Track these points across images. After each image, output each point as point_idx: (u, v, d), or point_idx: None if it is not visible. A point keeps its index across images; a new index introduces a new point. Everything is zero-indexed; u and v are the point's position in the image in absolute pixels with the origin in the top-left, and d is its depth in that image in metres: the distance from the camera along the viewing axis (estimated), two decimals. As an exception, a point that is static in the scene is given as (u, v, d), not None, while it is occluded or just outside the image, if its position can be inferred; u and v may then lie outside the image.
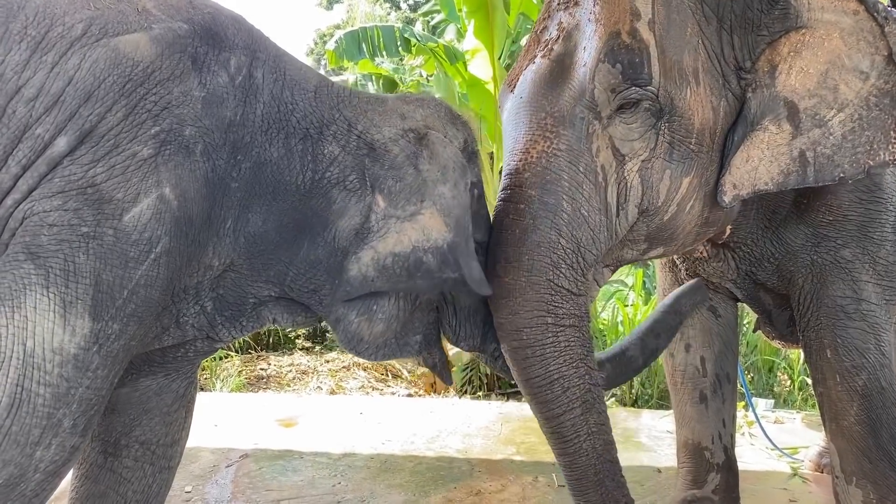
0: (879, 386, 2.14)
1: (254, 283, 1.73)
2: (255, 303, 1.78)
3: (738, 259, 2.26)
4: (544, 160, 1.83)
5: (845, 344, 2.15)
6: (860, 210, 2.12)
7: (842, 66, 1.84)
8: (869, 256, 2.14)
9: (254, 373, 6.04)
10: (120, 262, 1.45)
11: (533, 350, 1.81)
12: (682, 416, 2.59)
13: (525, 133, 1.87)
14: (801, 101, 1.87)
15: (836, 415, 2.21)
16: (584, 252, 1.84)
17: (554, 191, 1.82)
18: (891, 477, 2.16)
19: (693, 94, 1.85)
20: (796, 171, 1.88)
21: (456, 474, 3.48)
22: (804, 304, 2.22)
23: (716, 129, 1.90)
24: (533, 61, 1.95)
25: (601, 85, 1.83)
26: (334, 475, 3.45)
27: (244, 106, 1.61)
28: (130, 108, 1.48)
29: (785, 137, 1.87)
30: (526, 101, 1.90)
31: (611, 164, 1.84)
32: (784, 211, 2.16)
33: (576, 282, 1.84)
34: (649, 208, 1.88)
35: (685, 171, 1.87)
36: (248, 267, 1.70)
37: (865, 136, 1.84)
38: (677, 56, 1.85)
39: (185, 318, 1.71)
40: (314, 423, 4.25)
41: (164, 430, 1.98)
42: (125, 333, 1.49)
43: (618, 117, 1.84)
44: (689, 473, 2.58)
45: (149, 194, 1.47)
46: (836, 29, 1.85)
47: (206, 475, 3.41)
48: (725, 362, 2.55)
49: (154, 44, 1.53)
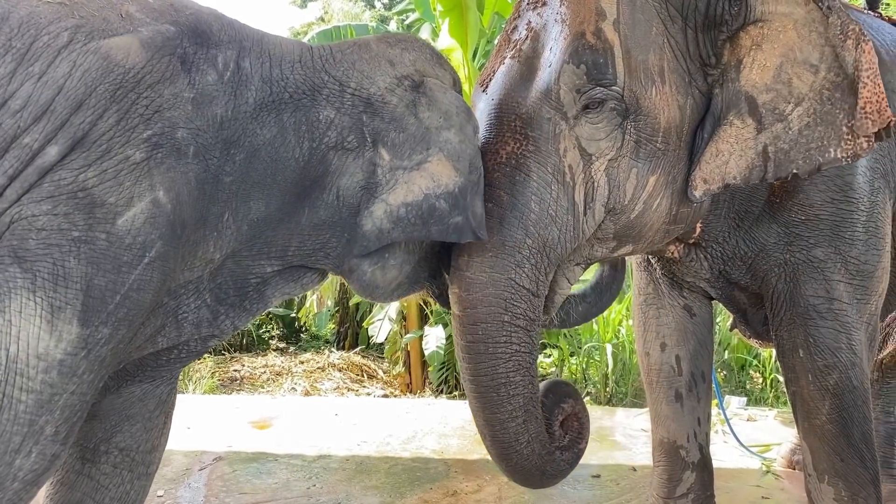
0: (851, 385, 2.16)
1: (255, 262, 1.72)
2: (259, 282, 1.77)
3: (710, 259, 2.28)
4: (513, 161, 1.85)
5: (817, 343, 2.17)
6: (832, 209, 2.13)
7: (794, 59, 1.85)
8: (841, 256, 2.15)
9: (227, 374, 6.00)
10: (112, 267, 1.42)
11: (486, 346, 1.83)
12: (658, 415, 2.60)
13: (495, 134, 1.89)
14: (760, 96, 1.88)
15: (809, 413, 2.22)
16: (549, 252, 1.86)
17: (522, 191, 1.84)
18: (862, 474, 2.18)
19: (659, 93, 1.87)
20: (759, 166, 1.89)
21: (432, 475, 3.47)
22: (777, 303, 2.23)
23: (682, 127, 1.91)
24: (503, 62, 1.97)
25: (566, 86, 1.84)
26: (309, 477, 3.42)
27: (234, 99, 1.60)
28: (122, 113, 1.46)
29: (750, 132, 1.89)
30: (496, 102, 1.92)
31: (578, 164, 1.86)
32: (757, 210, 2.17)
33: (537, 282, 1.86)
34: (616, 207, 1.90)
35: (651, 169, 1.89)
36: (248, 249, 1.69)
37: (818, 132, 1.85)
38: (642, 56, 1.86)
39: (184, 315, 1.69)
40: (288, 425, 4.22)
41: (145, 436, 1.94)
42: (114, 338, 1.47)
43: (584, 117, 1.85)
44: (665, 472, 2.59)
45: (142, 198, 1.45)
46: (791, 20, 1.86)
47: (179, 478, 3.36)
48: (700, 361, 2.56)
49: (144, 48, 1.51)
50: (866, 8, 2.64)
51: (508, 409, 1.85)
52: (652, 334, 2.57)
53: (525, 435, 1.88)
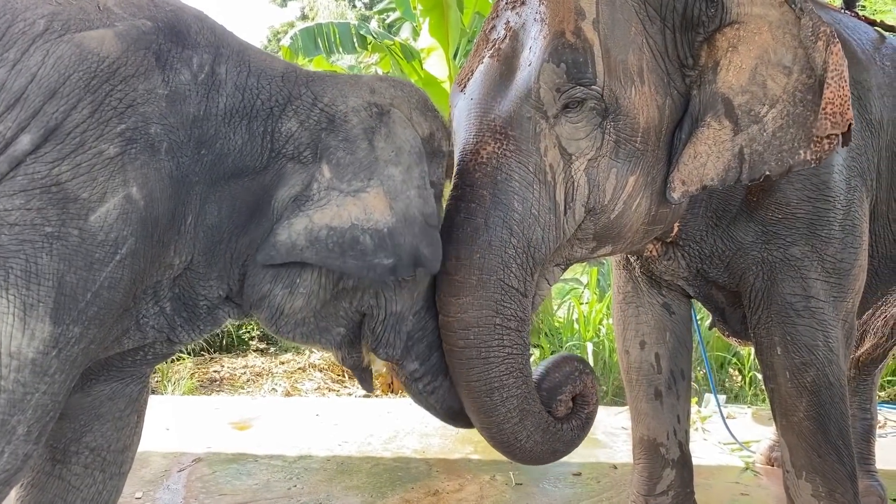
0: (828, 382, 2.18)
1: (206, 282, 1.68)
2: (209, 306, 1.73)
3: (687, 257, 2.29)
4: (494, 161, 1.83)
5: (794, 341, 2.18)
6: (808, 208, 2.14)
7: (768, 60, 1.86)
8: (817, 254, 2.16)
9: (207, 375, 5.93)
10: (84, 264, 1.40)
11: (478, 351, 1.80)
12: (637, 413, 2.61)
13: (475, 134, 1.88)
14: (736, 98, 1.89)
15: (786, 411, 2.24)
16: (534, 251, 1.85)
17: (505, 190, 1.82)
18: (839, 470, 2.20)
19: (638, 93, 1.87)
20: (735, 168, 1.90)
21: (413, 474, 3.47)
22: (755, 301, 2.25)
23: (661, 127, 1.91)
24: (482, 61, 1.96)
25: (546, 84, 1.84)
26: (290, 478, 3.40)
27: (206, 101, 1.58)
28: (96, 105, 1.43)
29: (727, 133, 1.89)
30: (476, 101, 1.91)
31: (558, 164, 1.85)
32: (734, 209, 2.19)
33: (524, 281, 1.85)
34: (596, 207, 1.89)
35: (631, 169, 1.89)
36: (203, 264, 1.65)
37: (790, 134, 1.86)
38: (622, 55, 1.86)
39: (145, 320, 1.66)
40: (269, 426, 4.20)
41: (116, 435, 1.91)
42: (86, 337, 1.44)
43: (564, 117, 1.85)
44: (645, 469, 2.60)
45: (115, 194, 1.42)
46: (765, 22, 1.87)
47: (158, 480, 3.34)
48: (679, 359, 2.57)
49: (119, 40, 1.49)
50: (843, 8, 2.66)
51: (503, 412, 1.83)
52: (631, 332, 2.57)
53: (524, 432, 1.87)
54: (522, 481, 3.36)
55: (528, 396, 1.87)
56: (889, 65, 2.43)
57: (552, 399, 1.97)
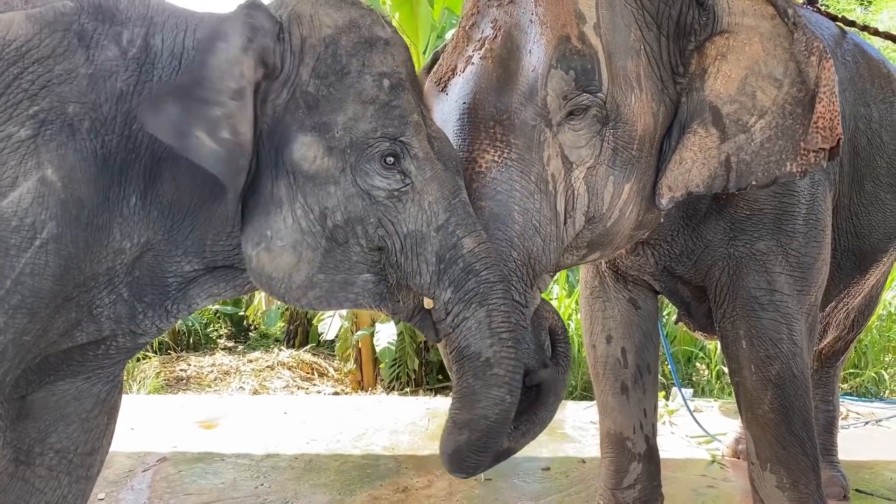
0: (791, 374, 2.20)
1: (172, 258, 1.61)
2: (179, 282, 1.65)
3: (656, 255, 2.29)
4: (494, 170, 1.76)
5: (759, 334, 2.20)
6: (775, 203, 2.16)
7: (759, 72, 1.87)
8: (782, 248, 2.18)
9: (173, 374, 5.86)
10: (0, 251, 1.35)
11: None
12: (604, 407, 2.61)
13: (470, 141, 1.80)
14: (724, 107, 1.89)
15: (751, 403, 2.26)
16: (534, 263, 1.79)
17: (505, 202, 1.75)
18: (803, 461, 2.23)
19: (637, 100, 1.84)
20: (721, 176, 1.90)
21: (382, 472, 3.45)
22: (720, 295, 2.26)
23: (655, 134, 1.90)
24: (470, 62, 1.87)
25: (553, 91, 1.78)
26: (257, 477, 3.36)
27: (138, 75, 1.52)
28: (3, 89, 1.39)
29: (714, 141, 1.89)
30: (469, 106, 1.81)
31: (560, 172, 1.80)
32: (703, 208, 2.20)
33: (525, 294, 1.78)
34: (595, 215, 1.86)
35: (626, 176, 1.86)
36: (166, 242, 1.59)
37: (778, 145, 1.87)
38: (622, 62, 1.84)
39: (99, 310, 1.59)
40: (236, 425, 4.15)
41: (83, 437, 1.83)
42: (11, 327, 1.39)
43: (567, 124, 1.80)
44: (612, 463, 2.61)
45: (28, 177, 1.37)
46: (756, 33, 1.88)
47: (122, 481, 3.28)
48: (646, 353, 2.58)
49: (30, 22, 1.45)
50: (805, 3, 2.69)
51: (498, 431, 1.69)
52: (598, 327, 2.58)
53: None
54: (492, 476, 3.35)
55: None
56: (850, 60, 2.47)
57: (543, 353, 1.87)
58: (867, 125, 2.45)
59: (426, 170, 1.61)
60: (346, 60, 1.58)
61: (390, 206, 1.59)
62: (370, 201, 1.58)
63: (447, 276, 1.60)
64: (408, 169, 1.59)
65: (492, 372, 1.60)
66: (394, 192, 1.58)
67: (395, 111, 1.59)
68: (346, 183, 1.56)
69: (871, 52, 2.64)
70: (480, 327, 1.60)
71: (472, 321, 1.60)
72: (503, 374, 1.60)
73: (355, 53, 1.59)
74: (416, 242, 1.60)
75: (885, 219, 2.58)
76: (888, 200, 2.56)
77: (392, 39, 1.64)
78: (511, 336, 1.62)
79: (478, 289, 1.60)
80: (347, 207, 1.57)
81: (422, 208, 1.60)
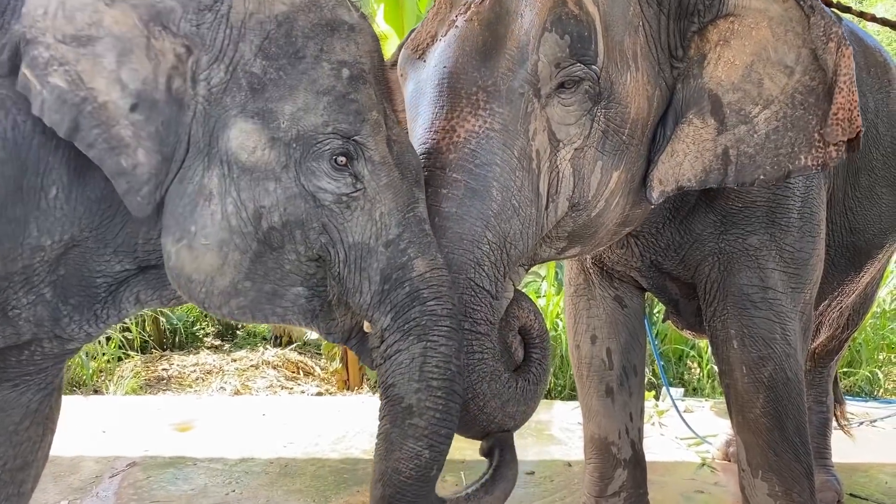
0: (785, 377, 2.10)
1: (101, 257, 1.46)
2: (109, 283, 1.50)
3: (641, 247, 2.17)
4: (474, 141, 1.61)
5: (751, 334, 2.10)
6: (768, 195, 2.06)
7: (767, 58, 1.75)
8: (776, 243, 2.08)
9: (154, 374, 5.71)
10: None
11: None
12: (589, 411, 2.50)
13: (449, 109, 1.64)
14: (725, 95, 1.77)
15: (742, 407, 2.16)
16: (510, 248, 1.64)
17: (484, 176, 1.60)
18: (795, 468, 2.13)
19: (633, 80, 1.71)
20: (718, 170, 1.78)
21: (360, 476, 3.31)
22: (710, 293, 2.15)
23: (647, 120, 1.77)
24: (454, 25, 1.71)
25: (546, 57, 1.63)
26: (228, 482, 3.24)
27: None
28: None
29: (710, 132, 1.77)
30: (450, 71, 1.66)
31: (545, 150, 1.66)
32: (692, 199, 2.08)
33: (496, 282, 1.63)
34: (580, 202, 1.72)
35: (615, 163, 1.73)
36: (94, 239, 1.44)
37: (788, 137, 1.75)
38: (619, 36, 1.70)
39: (15, 311, 1.44)
40: (212, 427, 4.02)
41: (12, 451, 1.69)
42: None
43: (556, 97, 1.65)
44: (596, 470, 2.50)
45: None
46: (765, 17, 1.75)
47: (87, 487, 3.15)
48: (632, 354, 2.46)
49: None
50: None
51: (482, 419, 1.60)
52: (582, 326, 2.46)
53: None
54: (473, 481, 3.23)
55: (507, 399, 1.63)
56: (846, 48, 2.36)
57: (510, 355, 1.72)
58: (863, 116, 2.31)
59: (381, 176, 1.45)
60: (301, 43, 1.42)
61: (337, 211, 1.43)
62: (314, 204, 1.42)
63: (389, 300, 1.45)
64: (360, 172, 1.44)
65: (410, 421, 1.42)
66: (342, 197, 1.43)
67: (352, 105, 1.43)
68: (288, 181, 1.41)
69: (867, 40, 2.54)
70: (411, 366, 1.43)
71: (405, 356, 1.44)
72: (423, 425, 1.42)
73: (313, 36, 1.43)
74: (362, 256, 1.45)
75: (880, 213, 2.48)
76: (884, 194, 2.47)
77: (358, 25, 1.49)
78: (443, 385, 1.43)
79: (420, 320, 1.44)
80: (287, 208, 1.41)
81: (372, 219, 1.45)
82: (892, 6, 9.51)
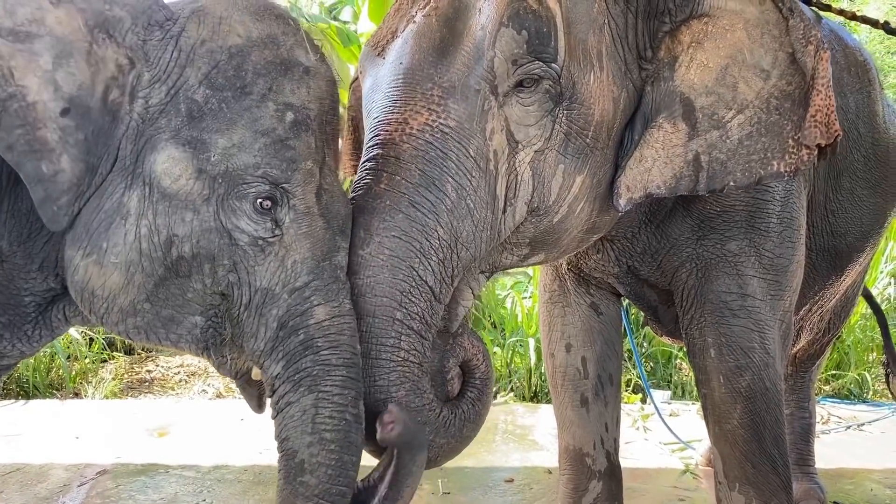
0: (763, 387, 2.04)
1: (27, 274, 1.41)
2: (38, 303, 1.45)
3: (617, 251, 2.10)
4: (428, 134, 1.54)
5: (729, 343, 2.03)
6: (747, 199, 1.99)
7: (742, 61, 1.69)
8: (755, 249, 2.02)
9: (137, 376, 5.62)
10: None
11: (367, 347, 1.48)
12: (563, 421, 2.43)
13: (403, 103, 1.58)
14: (698, 99, 1.70)
15: (720, 417, 2.09)
16: (460, 249, 1.57)
17: (439, 172, 1.53)
18: (773, 481, 2.07)
19: (596, 80, 1.65)
20: (689, 176, 1.72)
21: (336, 484, 3.24)
22: (688, 300, 2.08)
23: (613, 123, 1.70)
24: (412, 21, 1.65)
25: (502, 53, 1.56)
26: (200, 491, 3.16)
27: None
28: None
29: (681, 137, 1.71)
30: (406, 67, 1.61)
31: (503, 151, 1.59)
32: (669, 203, 2.01)
33: (442, 282, 1.56)
34: (539, 207, 1.65)
35: (579, 167, 1.66)
36: (22, 255, 1.38)
37: (762, 143, 1.70)
38: (582, 34, 1.63)
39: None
40: (188, 432, 3.94)
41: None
42: None
43: (515, 96, 1.59)
44: (570, 482, 2.42)
45: None
46: (741, 19, 1.69)
47: (53, 496, 3.07)
48: (608, 363, 2.39)
49: None
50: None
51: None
52: (557, 334, 2.39)
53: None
54: (451, 490, 3.17)
55: (424, 408, 1.53)
56: (825, 47, 2.30)
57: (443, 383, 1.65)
58: (843, 116, 2.28)
59: (302, 225, 1.41)
60: (250, 78, 1.38)
61: (250, 253, 1.39)
62: (229, 242, 1.38)
63: (282, 347, 1.40)
64: (282, 219, 1.40)
65: (302, 479, 1.36)
66: (258, 240, 1.39)
67: (288, 153, 1.38)
68: (206, 214, 1.37)
69: (846, 40, 2.48)
70: (304, 418, 1.37)
71: (296, 409, 1.38)
72: (314, 483, 1.36)
73: (264, 74, 1.39)
74: (264, 302, 1.40)
75: (861, 216, 2.42)
76: (865, 197, 2.41)
77: (314, 69, 1.45)
78: (337, 437, 1.36)
79: (312, 370, 1.38)
80: (200, 241, 1.37)
81: (283, 265, 1.41)
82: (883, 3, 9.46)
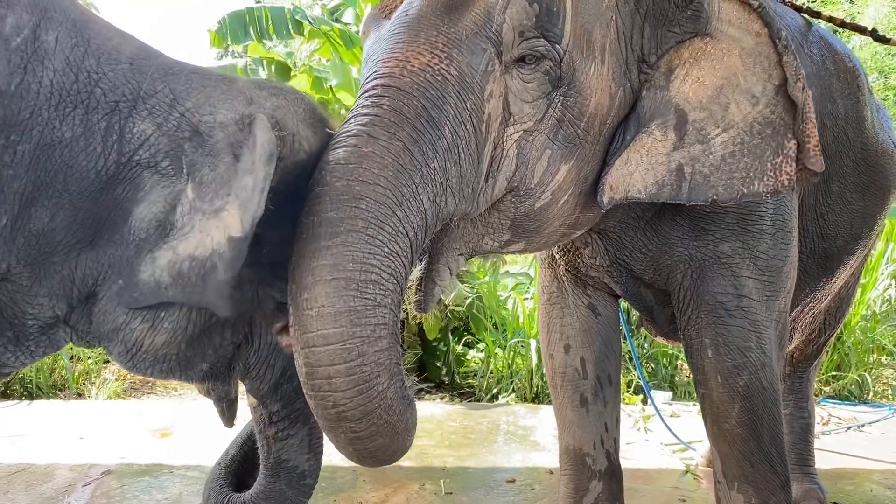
0: (760, 386, 2.05)
1: (34, 298, 1.40)
2: (41, 326, 1.45)
3: (606, 243, 2.12)
4: (429, 75, 1.50)
5: (726, 343, 2.05)
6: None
7: (736, 85, 1.75)
8: (749, 251, 2.04)
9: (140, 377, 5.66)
10: None
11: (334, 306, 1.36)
12: (563, 421, 2.45)
13: (406, 44, 1.54)
14: (692, 112, 1.75)
15: (718, 417, 2.11)
16: (448, 194, 1.52)
17: (437, 112, 1.49)
18: (772, 480, 2.08)
19: (597, 72, 1.67)
20: (671, 185, 1.75)
21: (339, 485, 3.26)
22: (684, 301, 2.10)
23: (606, 119, 1.72)
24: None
25: (512, 21, 1.56)
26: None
27: (23, 74, 1.29)
28: None
29: (667, 147, 1.75)
30: (412, 16, 1.57)
31: (497, 118, 1.58)
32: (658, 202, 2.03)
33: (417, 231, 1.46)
34: (520, 186, 1.65)
35: (566, 156, 1.67)
36: (28, 277, 1.38)
37: (744, 163, 1.76)
38: (589, 24, 1.65)
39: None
40: (192, 432, 3.96)
41: None
42: None
43: (516, 69, 1.59)
44: (571, 482, 2.44)
45: None
46: (738, 46, 1.75)
47: (58, 496, 3.09)
48: (607, 363, 2.41)
49: None
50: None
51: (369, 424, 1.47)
52: (556, 335, 2.41)
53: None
54: (453, 490, 3.19)
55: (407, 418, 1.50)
56: (816, 53, 2.34)
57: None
58: (833, 122, 2.31)
59: None
60: None
61: (270, 316, 1.61)
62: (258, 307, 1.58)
63: (281, 391, 1.70)
64: None
65: (304, 482, 1.81)
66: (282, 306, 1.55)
67: None
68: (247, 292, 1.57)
69: (836, 46, 2.50)
70: (301, 444, 1.77)
71: (295, 439, 1.76)
72: (312, 483, 1.83)
73: None
74: (273, 352, 1.66)
75: (851, 219, 2.45)
76: (854, 200, 2.44)
77: None
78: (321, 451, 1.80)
79: (305, 409, 1.64)
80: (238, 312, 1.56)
81: None
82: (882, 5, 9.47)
